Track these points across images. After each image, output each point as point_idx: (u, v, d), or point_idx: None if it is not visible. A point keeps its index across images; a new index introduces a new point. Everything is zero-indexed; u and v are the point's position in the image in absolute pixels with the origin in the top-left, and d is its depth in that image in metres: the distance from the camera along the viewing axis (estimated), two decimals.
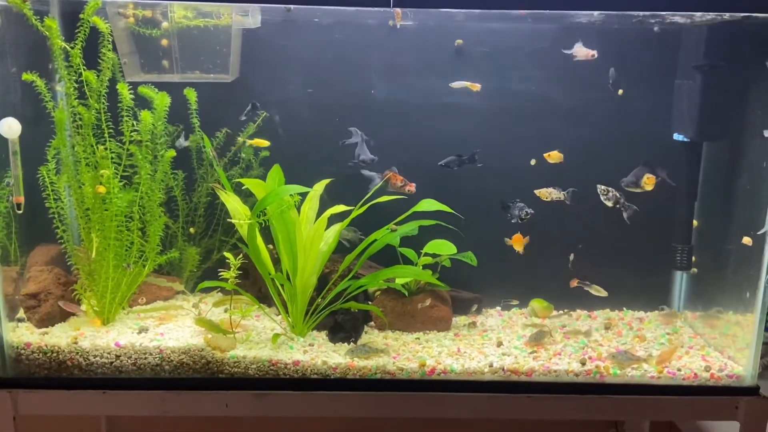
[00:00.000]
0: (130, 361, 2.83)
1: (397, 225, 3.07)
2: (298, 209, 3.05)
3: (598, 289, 3.23)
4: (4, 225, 3.02)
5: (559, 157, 3.06)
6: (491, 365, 2.86)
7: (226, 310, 3.10)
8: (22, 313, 3.03)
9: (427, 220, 3.12)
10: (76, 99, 2.81)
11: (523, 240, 3.10)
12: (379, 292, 3.29)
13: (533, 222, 3.06)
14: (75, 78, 2.78)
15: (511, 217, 3.05)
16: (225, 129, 3.31)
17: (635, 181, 2.99)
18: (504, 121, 3.30)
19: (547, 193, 3.04)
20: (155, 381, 2.83)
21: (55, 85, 2.91)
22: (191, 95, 3.16)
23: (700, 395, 2.82)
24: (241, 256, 2.91)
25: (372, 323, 3.23)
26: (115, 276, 3.03)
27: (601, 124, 3.29)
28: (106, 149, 2.89)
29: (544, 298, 3.43)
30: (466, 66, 3.24)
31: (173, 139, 3.25)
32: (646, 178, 2.97)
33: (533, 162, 3.14)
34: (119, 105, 2.90)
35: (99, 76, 2.82)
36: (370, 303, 3.25)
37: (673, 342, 3.13)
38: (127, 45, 3.06)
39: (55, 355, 2.81)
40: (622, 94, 3.17)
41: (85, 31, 2.74)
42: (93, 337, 2.90)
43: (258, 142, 3.24)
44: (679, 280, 3.51)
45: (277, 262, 3.07)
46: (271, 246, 3.09)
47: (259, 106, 3.26)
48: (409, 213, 3.07)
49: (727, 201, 3.10)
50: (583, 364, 2.87)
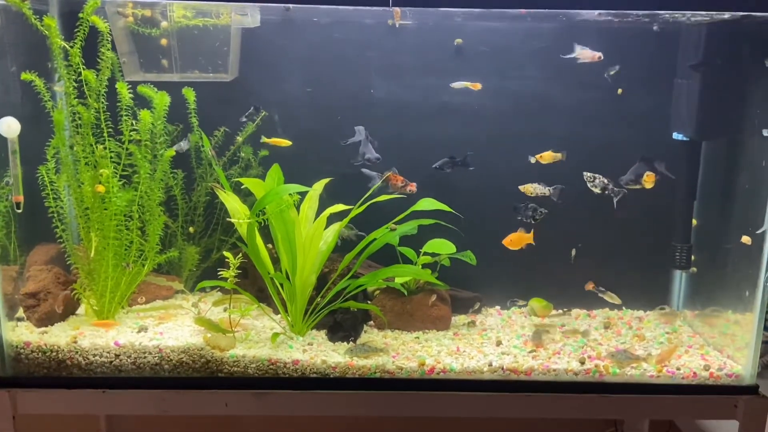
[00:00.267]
0: (129, 360, 2.83)
1: (397, 224, 3.07)
2: (298, 208, 3.05)
3: (612, 296, 3.23)
4: (4, 224, 3.02)
5: (553, 157, 3.04)
6: (490, 364, 2.86)
7: (225, 309, 3.11)
8: (21, 313, 3.03)
9: (426, 219, 3.12)
10: (75, 98, 2.81)
11: (521, 240, 3.08)
12: (378, 292, 3.29)
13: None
14: (74, 77, 2.78)
15: (524, 218, 3.03)
16: (223, 128, 3.31)
17: (635, 178, 2.98)
18: (504, 120, 3.30)
19: (532, 189, 3.03)
20: (155, 380, 2.83)
21: (54, 86, 2.91)
22: (190, 95, 3.16)
23: (699, 394, 2.82)
24: (240, 255, 2.91)
25: (371, 322, 3.23)
26: (115, 275, 3.03)
27: (601, 124, 3.29)
28: (105, 148, 2.89)
29: (543, 297, 3.43)
30: (465, 65, 3.23)
31: (173, 139, 3.25)
32: (646, 176, 2.97)
33: (533, 160, 3.13)
34: (118, 104, 2.90)
35: (98, 76, 2.82)
36: (369, 302, 3.25)
37: (672, 341, 3.14)
38: (126, 44, 3.06)
39: (54, 354, 2.81)
40: (621, 93, 3.17)
41: (84, 31, 2.74)
42: (92, 336, 2.90)
43: (278, 142, 3.22)
44: (679, 279, 3.51)
45: (276, 261, 3.07)
46: (270, 245, 3.09)
47: (261, 108, 3.26)
48: (408, 212, 3.07)
49: (726, 200, 3.10)
50: (583, 363, 2.87)
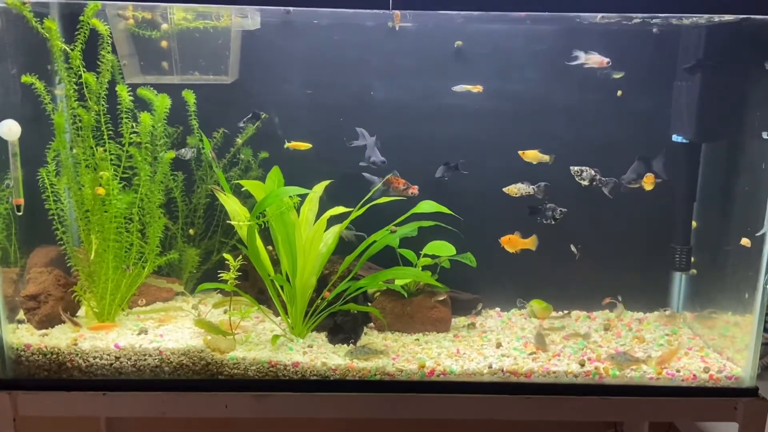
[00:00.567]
0: (129, 362, 2.83)
1: (397, 226, 3.07)
2: (298, 211, 3.05)
3: (621, 309, 3.25)
4: (4, 226, 3.02)
5: (538, 157, 3.03)
6: (490, 366, 2.86)
7: (225, 312, 3.11)
8: (22, 315, 3.03)
9: (426, 222, 3.12)
10: (75, 101, 2.82)
11: (518, 244, 3.08)
12: (378, 294, 3.29)
13: (532, 222, 3.07)
14: (75, 80, 2.79)
15: (543, 219, 3.03)
16: (222, 129, 3.31)
17: (635, 178, 2.99)
18: (504, 121, 3.30)
19: (516, 189, 3.03)
20: (155, 382, 2.83)
21: (54, 89, 2.91)
22: (190, 97, 3.16)
23: (699, 396, 2.82)
24: (240, 257, 2.92)
25: (371, 324, 3.23)
26: (115, 277, 3.03)
27: (601, 125, 3.29)
28: (105, 151, 2.90)
29: (543, 299, 3.43)
30: (465, 67, 3.24)
31: (174, 141, 3.25)
32: (646, 178, 2.98)
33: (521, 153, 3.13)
34: (119, 107, 2.91)
35: (98, 78, 2.83)
36: (369, 304, 3.25)
37: (673, 343, 3.14)
38: (126, 47, 3.06)
39: (54, 356, 2.81)
40: (620, 95, 3.17)
41: (84, 33, 2.74)
42: (93, 338, 2.90)
43: (299, 145, 3.20)
44: (678, 281, 3.51)
45: (276, 263, 3.07)
46: (270, 247, 3.09)
47: (261, 114, 3.26)
48: (408, 214, 3.07)
49: (726, 202, 3.10)
50: (582, 365, 2.87)
